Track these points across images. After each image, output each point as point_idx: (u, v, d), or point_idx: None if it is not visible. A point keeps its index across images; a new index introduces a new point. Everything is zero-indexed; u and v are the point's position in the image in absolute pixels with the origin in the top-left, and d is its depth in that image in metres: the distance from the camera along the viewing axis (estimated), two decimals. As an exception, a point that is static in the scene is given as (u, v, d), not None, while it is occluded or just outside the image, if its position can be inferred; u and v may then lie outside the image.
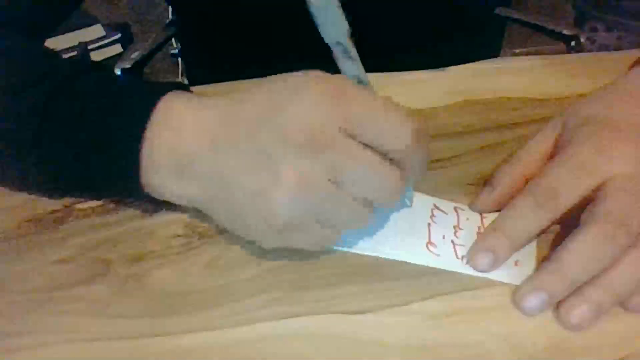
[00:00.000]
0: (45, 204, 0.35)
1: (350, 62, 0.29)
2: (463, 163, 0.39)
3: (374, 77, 0.30)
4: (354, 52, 0.29)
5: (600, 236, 0.28)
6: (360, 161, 0.27)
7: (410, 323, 0.28)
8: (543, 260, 0.31)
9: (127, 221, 0.34)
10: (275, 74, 0.48)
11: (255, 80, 0.48)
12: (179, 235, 0.33)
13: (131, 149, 0.30)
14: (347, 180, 0.27)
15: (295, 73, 0.29)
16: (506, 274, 0.31)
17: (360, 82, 0.30)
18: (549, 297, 0.28)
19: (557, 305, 0.29)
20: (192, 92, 0.33)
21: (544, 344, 0.28)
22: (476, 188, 0.37)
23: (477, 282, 0.31)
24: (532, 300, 0.29)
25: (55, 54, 0.36)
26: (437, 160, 0.39)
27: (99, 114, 0.30)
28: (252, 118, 0.28)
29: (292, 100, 0.27)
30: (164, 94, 0.31)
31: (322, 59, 0.29)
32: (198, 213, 0.33)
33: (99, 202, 0.35)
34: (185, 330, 0.28)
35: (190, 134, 0.29)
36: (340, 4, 0.28)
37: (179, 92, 0.32)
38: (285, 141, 0.27)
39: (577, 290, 0.28)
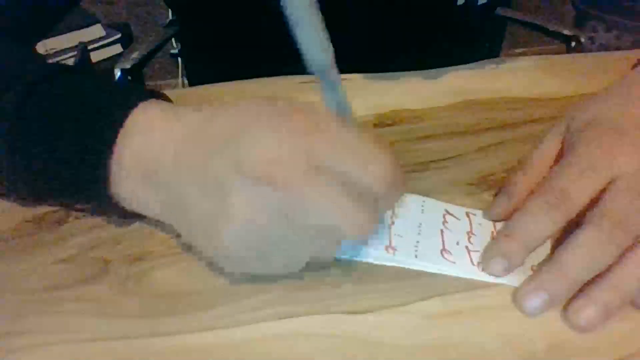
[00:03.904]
0: (47, 204, 0.35)
1: (332, 89, 0.29)
2: (463, 163, 0.39)
3: (374, 78, 0.30)
4: (337, 80, 0.28)
5: (598, 236, 0.28)
6: (320, 199, 0.25)
7: (410, 323, 0.28)
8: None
9: (127, 221, 0.34)
10: (275, 74, 0.49)
11: (255, 80, 0.49)
12: (179, 235, 0.33)
13: (100, 158, 0.29)
14: (307, 215, 0.26)
15: (271, 99, 0.28)
16: (523, 279, 0.30)
17: (341, 110, 0.29)
18: (550, 297, 0.28)
19: (565, 307, 0.29)
20: (168, 99, 0.33)
21: (544, 344, 0.28)
22: (476, 188, 0.37)
23: (477, 282, 0.31)
24: (533, 300, 0.29)
25: (30, 56, 0.35)
26: (437, 160, 0.40)
27: (68, 121, 0.30)
28: (213, 141, 0.27)
29: (255, 129, 0.26)
30: (137, 101, 0.30)
31: None
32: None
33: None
34: (185, 330, 0.28)
35: (158, 143, 0.29)
36: (325, 31, 0.27)
37: (153, 100, 0.31)
38: (238, 169, 0.25)
39: (584, 291, 0.28)
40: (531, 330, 0.28)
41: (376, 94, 0.47)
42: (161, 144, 0.29)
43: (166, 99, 0.33)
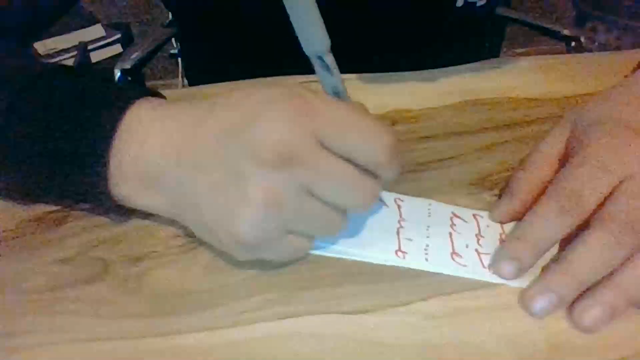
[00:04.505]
0: (45, 204, 0.35)
1: (329, 74, 0.29)
2: (463, 163, 0.39)
3: (374, 78, 0.30)
4: (333, 64, 0.29)
5: (606, 238, 0.28)
6: (332, 175, 0.27)
7: (410, 323, 0.28)
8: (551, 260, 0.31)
9: (127, 221, 0.34)
10: (275, 74, 0.49)
11: (254, 80, 0.49)
12: (178, 236, 0.33)
13: (98, 161, 0.29)
14: (319, 192, 0.27)
15: (264, 84, 0.28)
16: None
17: (337, 93, 0.30)
18: (558, 299, 0.28)
19: (570, 308, 0.29)
20: (163, 97, 0.33)
21: (544, 344, 0.28)
22: (476, 188, 0.37)
23: (477, 282, 0.31)
24: (541, 302, 0.28)
25: (23, 57, 0.34)
26: (437, 160, 0.40)
27: (63, 123, 0.29)
28: (218, 133, 0.27)
29: (260, 115, 0.26)
30: (131, 102, 0.30)
31: None
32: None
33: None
34: (185, 330, 0.28)
35: (157, 147, 0.29)
36: (321, 18, 0.27)
37: (147, 98, 0.31)
38: (254, 157, 0.26)
39: (590, 292, 0.28)
40: (531, 330, 0.28)
41: (376, 94, 0.47)
42: (160, 149, 0.29)
43: (159, 96, 0.33)
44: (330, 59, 0.29)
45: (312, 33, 0.28)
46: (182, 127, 0.29)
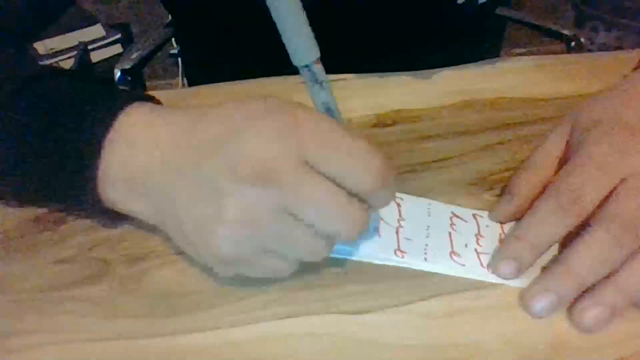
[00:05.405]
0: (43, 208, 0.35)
1: (318, 88, 0.28)
2: (463, 163, 0.39)
3: (374, 78, 0.30)
4: (323, 77, 0.28)
5: (607, 239, 0.28)
6: (314, 196, 0.25)
7: (410, 323, 0.28)
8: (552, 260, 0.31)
9: (127, 221, 0.34)
10: (275, 74, 0.49)
11: (254, 80, 0.49)
12: (178, 235, 0.33)
13: (88, 163, 0.29)
14: (301, 215, 0.26)
15: (259, 98, 0.27)
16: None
17: (328, 109, 0.29)
18: (558, 299, 0.28)
19: (570, 308, 0.29)
20: (158, 102, 0.32)
21: (544, 344, 0.28)
22: (476, 188, 0.37)
23: (477, 282, 0.31)
24: (541, 302, 0.28)
25: (23, 58, 0.34)
26: (437, 160, 0.40)
27: (59, 125, 0.29)
28: (201, 145, 0.27)
29: (244, 130, 0.26)
30: (127, 105, 0.29)
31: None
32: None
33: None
34: (185, 330, 0.28)
35: (143, 150, 0.28)
36: (308, 27, 0.26)
37: (143, 103, 0.30)
38: (232, 174, 0.25)
39: (590, 292, 0.28)
40: (531, 331, 0.28)
41: (376, 94, 0.47)
42: (146, 153, 0.28)
43: (155, 101, 0.32)
44: (319, 71, 0.27)
45: (301, 45, 0.26)
46: (171, 134, 0.28)
